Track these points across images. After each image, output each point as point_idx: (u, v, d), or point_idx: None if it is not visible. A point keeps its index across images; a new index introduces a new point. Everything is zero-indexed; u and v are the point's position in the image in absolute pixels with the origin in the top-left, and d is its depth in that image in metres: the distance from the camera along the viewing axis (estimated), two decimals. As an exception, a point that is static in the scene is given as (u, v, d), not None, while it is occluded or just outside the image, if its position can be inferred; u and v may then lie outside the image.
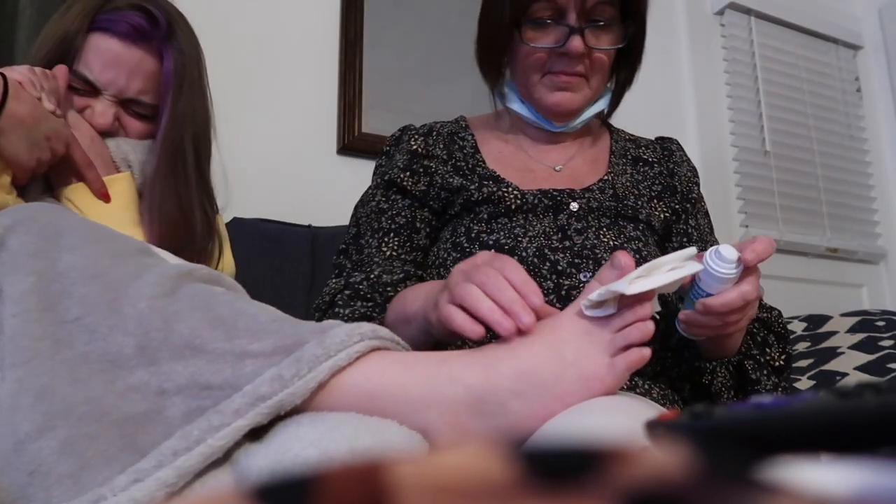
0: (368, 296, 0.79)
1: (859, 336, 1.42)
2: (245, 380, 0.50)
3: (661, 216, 0.94)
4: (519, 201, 0.88)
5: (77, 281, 0.53)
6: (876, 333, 1.40)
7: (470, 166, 0.94)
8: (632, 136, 1.06)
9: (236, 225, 1.31)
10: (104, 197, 0.90)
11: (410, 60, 1.78)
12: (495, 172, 0.92)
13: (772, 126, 2.24)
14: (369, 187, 0.99)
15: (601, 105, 0.97)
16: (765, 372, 0.84)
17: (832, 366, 1.36)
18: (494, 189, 0.89)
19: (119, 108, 0.97)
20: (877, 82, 2.50)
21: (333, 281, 0.89)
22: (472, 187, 0.90)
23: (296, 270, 1.31)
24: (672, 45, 2.15)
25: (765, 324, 0.90)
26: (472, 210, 0.90)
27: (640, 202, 0.92)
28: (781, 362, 0.87)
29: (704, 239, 0.99)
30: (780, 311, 0.93)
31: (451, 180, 0.91)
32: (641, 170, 0.99)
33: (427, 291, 0.73)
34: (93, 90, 0.95)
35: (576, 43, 0.86)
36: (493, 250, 0.85)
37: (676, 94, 2.13)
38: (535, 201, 0.89)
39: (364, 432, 0.49)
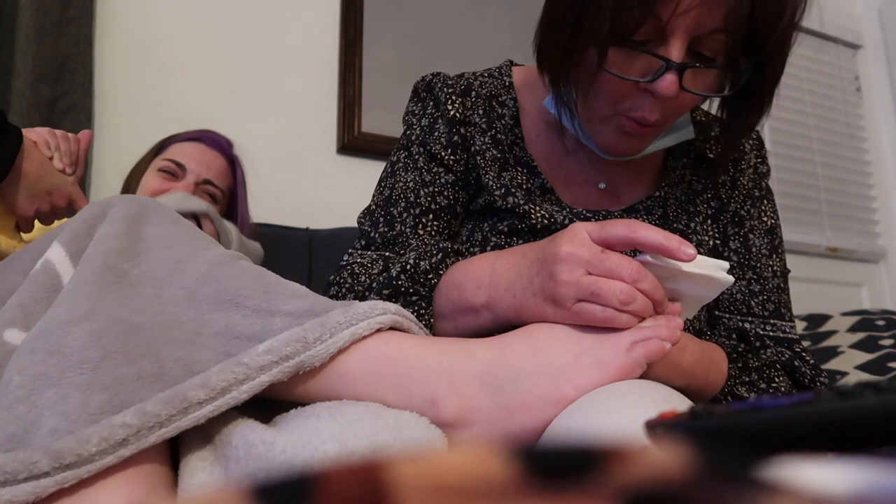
0: (411, 290, 0.73)
1: (859, 335, 1.42)
2: (272, 335, 0.53)
3: (711, 243, 0.83)
4: (546, 221, 0.78)
5: (154, 247, 0.59)
6: (876, 332, 1.40)
7: (508, 142, 0.84)
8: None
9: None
10: None
11: (410, 60, 1.78)
12: (532, 160, 0.84)
13: (772, 126, 2.25)
14: (401, 141, 0.87)
15: (674, 140, 0.80)
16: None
17: (832, 365, 1.36)
18: (521, 202, 0.79)
19: (195, 188, 1.24)
20: (877, 82, 2.50)
21: (362, 254, 0.81)
22: (497, 193, 0.80)
23: (293, 275, 1.31)
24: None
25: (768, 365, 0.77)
26: (496, 214, 0.82)
27: (692, 224, 0.82)
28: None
29: (748, 265, 0.83)
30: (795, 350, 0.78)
31: (484, 167, 0.83)
32: (703, 174, 0.85)
33: (491, 281, 0.65)
34: (179, 172, 1.24)
35: (667, 82, 0.66)
36: None
37: (676, 94, 2.13)
38: (566, 223, 0.78)
39: (383, 427, 0.50)
